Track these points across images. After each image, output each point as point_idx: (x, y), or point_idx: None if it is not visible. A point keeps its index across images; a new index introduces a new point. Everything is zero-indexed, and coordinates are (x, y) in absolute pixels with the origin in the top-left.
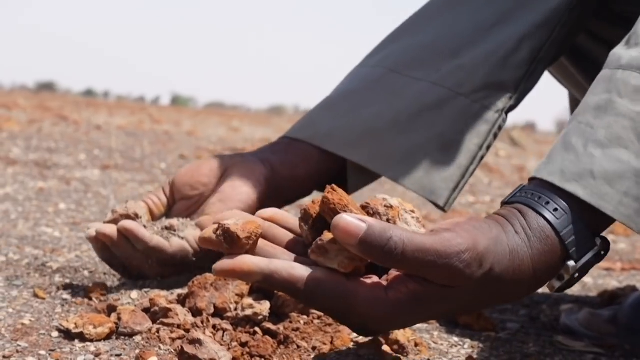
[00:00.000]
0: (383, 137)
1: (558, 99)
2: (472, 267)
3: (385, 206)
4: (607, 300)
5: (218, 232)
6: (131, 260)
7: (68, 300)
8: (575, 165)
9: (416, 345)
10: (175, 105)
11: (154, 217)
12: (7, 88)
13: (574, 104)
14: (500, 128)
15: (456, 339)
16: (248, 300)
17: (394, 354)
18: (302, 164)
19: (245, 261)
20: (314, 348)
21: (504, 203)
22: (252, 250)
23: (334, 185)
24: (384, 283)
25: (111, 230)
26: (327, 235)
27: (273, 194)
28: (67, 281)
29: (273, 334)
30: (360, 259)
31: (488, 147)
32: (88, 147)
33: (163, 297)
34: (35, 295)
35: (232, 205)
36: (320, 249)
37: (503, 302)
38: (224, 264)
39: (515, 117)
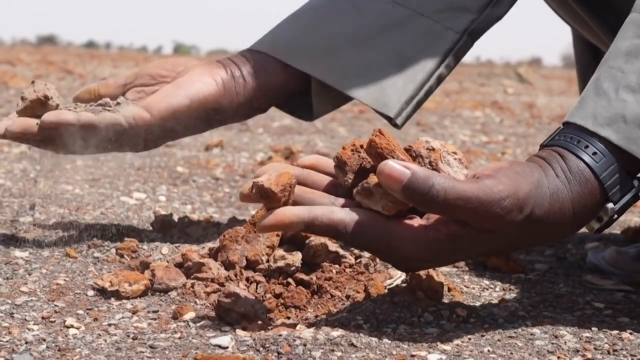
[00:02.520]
0: (342, 52)
1: (562, 33)
2: (513, 213)
3: (427, 149)
4: (631, 237)
5: (253, 190)
6: (58, 141)
7: (100, 258)
8: (607, 110)
9: (449, 290)
10: (178, 54)
11: (101, 96)
12: (8, 43)
13: (577, 39)
14: (462, 50)
15: (487, 282)
16: (280, 252)
17: (429, 300)
18: (261, 75)
19: (286, 213)
20: (347, 297)
21: (543, 146)
22: (289, 200)
23: (381, 129)
24: (425, 222)
25: (23, 124)
26: (373, 179)
27: (227, 100)
28: (96, 239)
29: (306, 284)
30: (403, 203)
31: (448, 67)
32: None
33: (195, 252)
34: (67, 255)
35: (183, 92)
36: (366, 191)
37: (543, 244)
38: (266, 222)
39: (520, 53)
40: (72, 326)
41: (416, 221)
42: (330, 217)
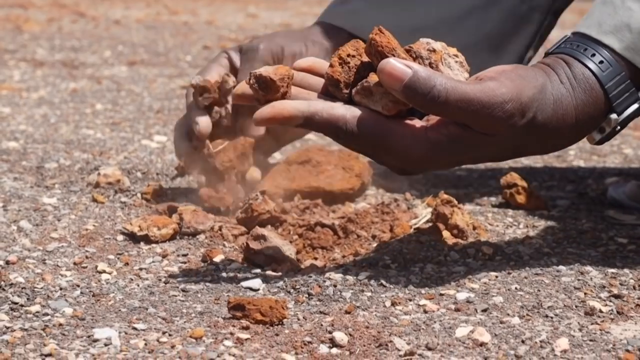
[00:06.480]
0: (431, 35)
1: None
2: (515, 117)
3: (428, 50)
4: None
5: (252, 81)
6: None
7: (127, 202)
8: (613, 18)
9: (474, 228)
10: None
11: None
12: None
13: None
14: (547, 30)
15: (510, 219)
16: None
17: (455, 239)
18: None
19: (285, 106)
20: (373, 237)
21: (548, 53)
22: (287, 96)
23: (381, 27)
24: (425, 123)
25: None
26: (373, 78)
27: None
28: (122, 184)
29: (331, 228)
30: (404, 103)
31: (536, 48)
32: (111, 44)
33: None
34: (94, 200)
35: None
36: (365, 90)
37: (543, 152)
38: (263, 111)
39: None
40: (104, 271)
41: (416, 122)
42: (331, 112)
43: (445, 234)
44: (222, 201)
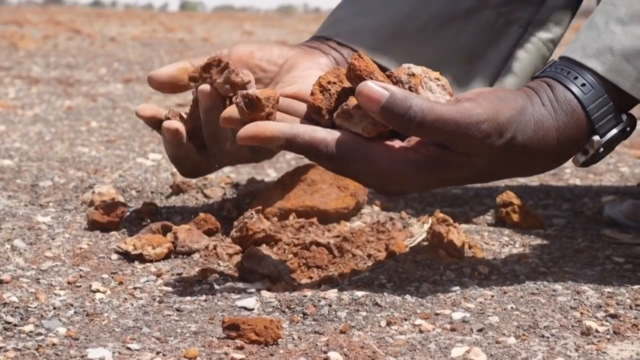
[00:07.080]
0: (410, 42)
1: None
2: (492, 137)
3: (408, 74)
4: None
5: (238, 100)
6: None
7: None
8: (596, 42)
9: (470, 247)
10: (184, 10)
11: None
12: (14, 3)
13: None
14: (531, 41)
15: (506, 238)
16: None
17: (450, 257)
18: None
19: (268, 126)
20: (369, 256)
21: (534, 77)
22: (271, 117)
23: (360, 52)
24: (405, 145)
25: None
26: (353, 101)
27: None
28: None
29: (327, 247)
30: (383, 125)
31: (520, 60)
32: (106, 61)
33: (212, 217)
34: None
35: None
36: (345, 113)
37: (526, 174)
38: (247, 129)
39: None
40: (98, 290)
41: (396, 143)
42: (312, 135)
43: (441, 253)
44: None
